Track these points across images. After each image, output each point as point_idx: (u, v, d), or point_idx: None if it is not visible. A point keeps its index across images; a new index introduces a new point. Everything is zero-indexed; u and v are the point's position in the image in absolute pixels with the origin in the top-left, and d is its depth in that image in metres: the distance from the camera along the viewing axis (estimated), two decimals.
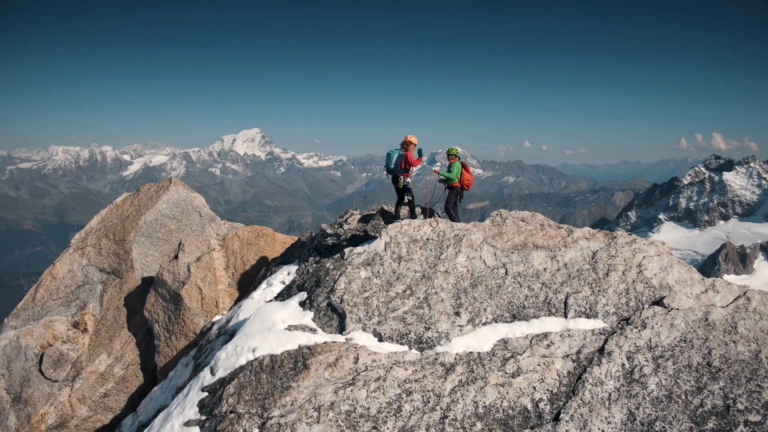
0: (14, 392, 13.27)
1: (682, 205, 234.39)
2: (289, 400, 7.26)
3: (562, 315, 8.22)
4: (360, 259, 9.61)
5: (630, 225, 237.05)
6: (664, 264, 8.71)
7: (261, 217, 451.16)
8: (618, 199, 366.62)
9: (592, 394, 7.05)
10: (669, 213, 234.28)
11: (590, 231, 9.57)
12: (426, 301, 8.65)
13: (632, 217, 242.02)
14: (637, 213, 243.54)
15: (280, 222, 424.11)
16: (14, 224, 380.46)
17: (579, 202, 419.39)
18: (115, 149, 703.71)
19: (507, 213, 10.55)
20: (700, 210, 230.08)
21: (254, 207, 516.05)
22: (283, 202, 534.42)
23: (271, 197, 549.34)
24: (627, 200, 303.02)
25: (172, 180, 16.04)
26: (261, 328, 8.61)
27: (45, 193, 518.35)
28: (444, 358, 7.66)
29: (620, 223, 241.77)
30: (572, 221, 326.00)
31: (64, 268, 14.63)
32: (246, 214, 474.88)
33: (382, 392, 7.20)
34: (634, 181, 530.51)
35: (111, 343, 14.05)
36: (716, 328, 7.63)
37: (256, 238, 14.12)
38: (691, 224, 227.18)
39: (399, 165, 11.26)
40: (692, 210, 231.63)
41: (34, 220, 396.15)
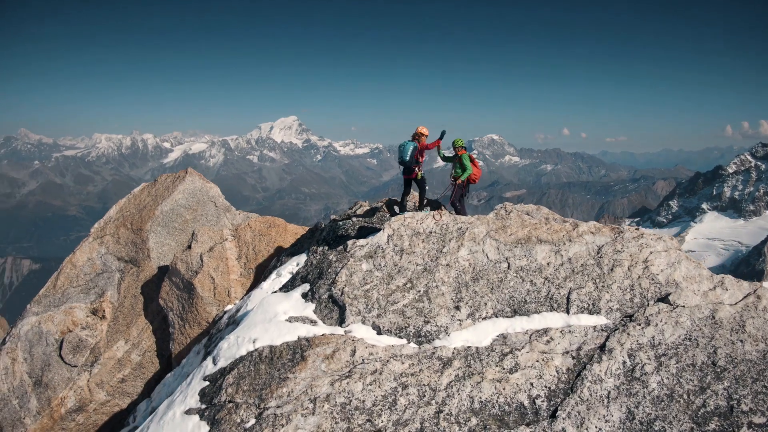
0: (36, 376, 13.75)
1: (727, 195, 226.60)
2: (285, 391, 7.33)
3: (564, 311, 8.07)
4: (362, 251, 9.61)
5: (671, 214, 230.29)
6: (672, 260, 8.46)
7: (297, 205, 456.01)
8: (659, 188, 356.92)
9: (590, 391, 6.93)
10: (712, 202, 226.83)
11: (596, 225, 9.35)
12: (426, 295, 8.60)
13: (674, 207, 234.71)
14: (679, 202, 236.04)
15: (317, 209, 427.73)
16: (60, 210, 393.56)
17: (618, 190, 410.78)
18: (156, 137, 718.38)
19: (512, 206, 10.38)
20: (745, 199, 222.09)
21: (291, 194, 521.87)
22: (320, 190, 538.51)
23: (308, 185, 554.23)
24: (669, 189, 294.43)
25: (188, 170, 16.28)
26: (263, 319, 8.70)
27: (89, 179, 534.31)
28: (441, 352, 7.62)
29: (661, 212, 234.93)
30: (611, 210, 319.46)
31: (84, 256, 15.04)
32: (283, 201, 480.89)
33: (377, 385, 7.21)
34: (677, 169, 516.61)
35: (128, 330, 14.41)
36: (723, 326, 7.40)
37: (268, 229, 14.26)
38: (735, 214, 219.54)
39: (413, 157, 11.17)
40: (737, 199, 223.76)
41: (79, 206, 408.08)
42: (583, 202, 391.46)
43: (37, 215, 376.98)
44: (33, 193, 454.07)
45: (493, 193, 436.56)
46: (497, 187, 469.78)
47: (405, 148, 11.17)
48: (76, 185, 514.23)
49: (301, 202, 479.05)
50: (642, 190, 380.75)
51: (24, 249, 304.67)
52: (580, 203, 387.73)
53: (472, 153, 10.90)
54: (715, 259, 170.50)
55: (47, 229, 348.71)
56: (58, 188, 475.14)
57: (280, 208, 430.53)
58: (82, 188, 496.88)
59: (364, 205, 12.61)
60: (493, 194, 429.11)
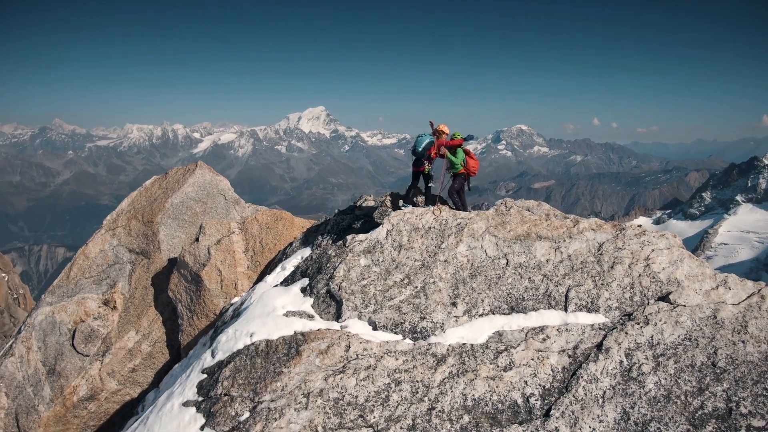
0: (49, 365, 14.09)
1: (762, 186, 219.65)
2: (279, 385, 7.38)
3: (562, 308, 7.95)
4: (361, 246, 9.58)
5: (704, 206, 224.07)
6: (674, 258, 8.26)
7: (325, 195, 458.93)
8: (692, 180, 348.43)
9: (585, 391, 6.84)
10: (747, 194, 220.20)
11: (597, 222, 9.17)
12: (423, 291, 8.55)
13: (707, 198, 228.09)
14: (712, 194, 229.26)
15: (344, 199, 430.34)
16: (93, 199, 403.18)
17: (650, 182, 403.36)
18: (186, 127, 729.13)
19: (512, 202, 10.23)
20: None
21: (318, 184, 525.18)
22: (347, 180, 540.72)
23: (335, 175, 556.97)
24: (702, 180, 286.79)
25: (198, 163, 16.44)
26: (261, 313, 8.77)
27: (121, 169, 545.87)
28: (436, 348, 7.58)
29: (693, 204, 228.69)
30: (642, 202, 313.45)
31: (96, 248, 15.32)
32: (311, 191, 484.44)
33: (371, 381, 7.21)
34: (710, 160, 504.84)
35: (139, 321, 14.66)
36: (725, 326, 7.22)
37: (275, 222, 14.33)
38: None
39: (426, 151, 11.07)
40: None
41: (111, 195, 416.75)
42: (613, 193, 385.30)
43: (71, 204, 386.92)
44: (67, 183, 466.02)
45: (521, 183, 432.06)
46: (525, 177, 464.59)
47: (421, 139, 11.08)
48: (109, 175, 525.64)
49: (329, 192, 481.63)
50: (674, 181, 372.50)
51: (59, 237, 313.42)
52: (610, 194, 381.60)
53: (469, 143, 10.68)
54: (749, 252, 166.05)
55: (81, 217, 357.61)
56: (91, 178, 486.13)
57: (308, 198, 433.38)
58: (114, 178, 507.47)
59: (369, 199, 12.58)
60: (521, 185, 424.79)
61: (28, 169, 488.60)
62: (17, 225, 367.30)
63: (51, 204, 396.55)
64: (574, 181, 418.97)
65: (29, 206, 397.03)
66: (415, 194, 11.45)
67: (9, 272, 33.27)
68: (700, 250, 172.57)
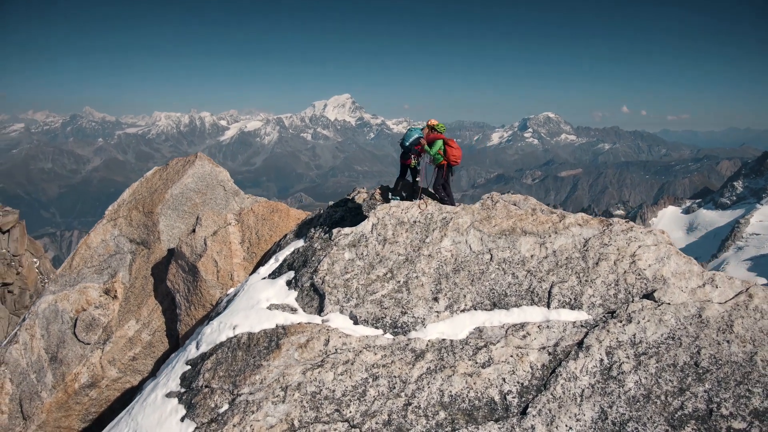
0: (52, 352, 14.36)
1: None
2: (258, 378, 7.41)
3: (545, 305, 7.83)
4: (346, 240, 9.53)
5: (735, 195, 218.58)
6: (661, 254, 8.06)
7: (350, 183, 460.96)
8: (723, 168, 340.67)
9: (564, 389, 6.74)
10: None
11: (584, 217, 8.99)
12: (406, 285, 8.48)
13: (738, 188, 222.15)
14: (744, 183, 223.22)
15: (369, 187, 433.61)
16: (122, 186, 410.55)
17: (680, 170, 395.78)
18: (213, 115, 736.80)
19: (498, 196, 10.07)
20: None
21: (344, 172, 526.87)
22: (372, 168, 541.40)
23: (361, 163, 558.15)
24: (733, 169, 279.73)
25: (198, 155, 16.51)
26: (246, 305, 8.80)
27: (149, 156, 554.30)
28: (415, 344, 7.53)
29: (724, 193, 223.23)
30: (671, 191, 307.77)
31: (98, 237, 15.52)
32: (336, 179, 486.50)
33: (348, 375, 7.20)
34: (743, 149, 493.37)
35: (139, 310, 14.84)
36: (710, 325, 7.04)
37: (271, 214, 14.36)
38: None
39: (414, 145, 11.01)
40: None
41: None
42: (641, 182, 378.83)
43: (101, 191, 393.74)
44: (97, 170, 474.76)
45: (547, 172, 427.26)
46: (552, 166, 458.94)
47: (410, 133, 11.03)
48: (138, 162, 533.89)
49: (354, 180, 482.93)
50: (705, 170, 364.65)
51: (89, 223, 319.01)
52: (639, 183, 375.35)
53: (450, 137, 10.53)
54: None
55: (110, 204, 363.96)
56: (121, 165, 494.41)
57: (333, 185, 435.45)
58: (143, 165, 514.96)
59: (363, 191, 12.52)
60: (547, 173, 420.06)
61: (59, 156, 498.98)
62: (49, 211, 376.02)
63: (82, 190, 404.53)
64: (601, 170, 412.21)
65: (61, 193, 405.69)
66: (403, 187, 11.38)
67: (40, 257, 34.06)
68: (730, 240, 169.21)
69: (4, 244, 32.14)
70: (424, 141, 10.38)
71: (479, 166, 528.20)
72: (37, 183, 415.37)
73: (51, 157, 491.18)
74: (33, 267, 31.79)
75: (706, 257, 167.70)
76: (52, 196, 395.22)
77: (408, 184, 11.37)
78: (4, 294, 29.53)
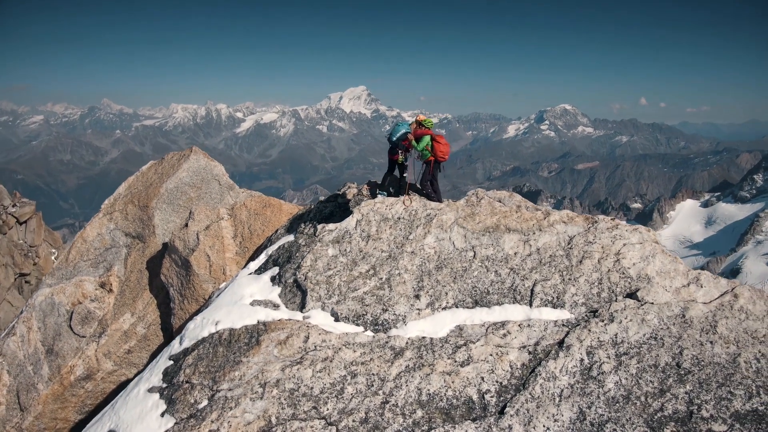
0: (48, 345, 14.46)
1: None
2: (238, 374, 7.39)
3: (527, 303, 7.73)
4: (330, 236, 9.47)
5: (755, 189, 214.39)
6: (646, 253, 7.92)
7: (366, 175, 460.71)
8: (743, 161, 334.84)
9: (543, 389, 6.66)
10: None
11: (569, 214, 8.85)
12: (388, 282, 8.41)
13: (758, 181, 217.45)
14: (765, 176, 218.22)
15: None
16: None
17: (699, 163, 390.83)
18: (229, 107, 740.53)
19: (483, 193, 9.94)
20: None
21: (359, 164, 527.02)
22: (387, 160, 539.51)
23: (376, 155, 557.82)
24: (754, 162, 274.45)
25: (193, 149, 16.49)
26: (229, 301, 8.77)
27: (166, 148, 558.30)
28: (395, 341, 7.47)
29: (744, 186, 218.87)
30: (690, 184, 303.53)
31: (94, 231, 15.57)
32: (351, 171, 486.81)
33: (327, 373, 7.16)
34: (764, 141, 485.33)
35: (134, 304, 14.90)
36: (693, 326, 6.92)
37: (263, 208, 14.32)
38: None
39: (401, 140, 10.92)
40: None
41: None
42: (659, 175, 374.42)
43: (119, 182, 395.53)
44: (115, 161, 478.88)
45: (564, 164, 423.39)
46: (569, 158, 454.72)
47: (397, 128, 10.93)
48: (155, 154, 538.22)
49: (369, 172, 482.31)
50: (724, 162, 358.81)
51: None
52: (657, 176, 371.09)
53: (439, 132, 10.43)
54: None
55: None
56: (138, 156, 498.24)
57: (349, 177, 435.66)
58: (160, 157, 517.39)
59: (353, 186, 12.44)
60: (564, 166, 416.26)
61: (78, 147, 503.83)
62: (68, 202, 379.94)
63: (100, 182, 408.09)
64: (619, 162, 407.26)
65: (79, 184, 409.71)
66: (391, 183, 11.28)
67: (58, 248, 34.42)
68: (749, 234, 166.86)
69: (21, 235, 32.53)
70: (412, 136, 10.27)
71: (495, 158, 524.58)
72: (56, 174, 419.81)
73: (70, 148, 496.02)
74: (50, 258, 32.16)
75: (725, 251, 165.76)
76: (71, 188, 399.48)
77: (396, 180, 11.27)
78: (21, 284, 29.93)
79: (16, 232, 32.76)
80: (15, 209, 31.66)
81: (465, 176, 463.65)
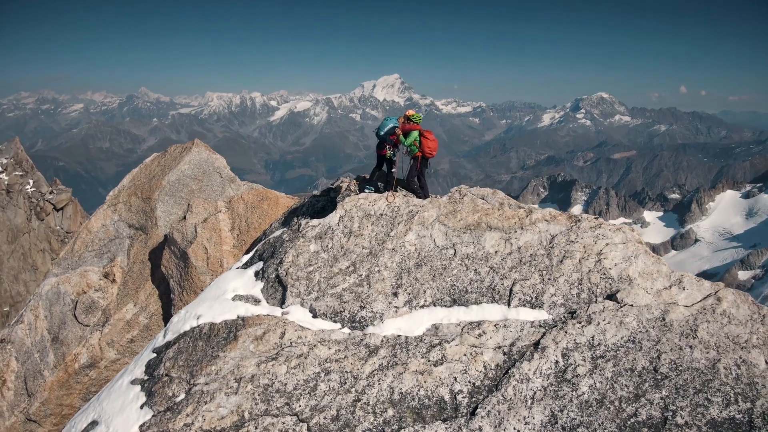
0: (53, 333, 14.83)
1: None
2: (214, 369, 7.45)
3: (505, 303, 7.60)
4: (314, 232, 9.44)
5: None
6: (629, 253, 7.70)
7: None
8: None
9: (515, 390, 6.55)
10: None
11: (551, 213, 8.64)
12: (367, 279, 8.35)
13: None
14: None
15: None
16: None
17: (740, 153, 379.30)
18: (263, 95, 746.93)
19: (467, 189, 9.76)
20: None
21: None
22: None
23: None
24: None
25: (195, 141, 16.64)
26: (213, 295, 8.83)
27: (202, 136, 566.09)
28: (370, 339, 7.43)
29: None
30: (731, 174, 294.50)
31: (98, 222, 15.86)
32: None
33: (301, 369, 7.17)
34: None
35: (137, 294, 15.16)
36: (673, 329, 6.71)
37: (260, 202, 14.39)
38: None
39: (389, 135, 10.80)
40: None
41: None
42: (699, 165, 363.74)
43: None
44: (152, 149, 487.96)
45: (600, 154, 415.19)
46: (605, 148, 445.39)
47: (385, 122, 10.83)
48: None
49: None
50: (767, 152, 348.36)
51: None
52: (696, 166, 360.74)
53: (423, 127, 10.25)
54: None
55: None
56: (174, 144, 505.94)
57: None
58: None
59: (346, 181, 12.36)
60: (600, 155, 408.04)
61: (116, 135, 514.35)
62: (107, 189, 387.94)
63: None
64: (656, 152, 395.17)
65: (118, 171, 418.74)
66: (379, 178, 11.19)
67: None
68: None
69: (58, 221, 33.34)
70: (399, 131, 10.15)
71: (529, 147, 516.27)
72: (96, 162, 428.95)
73: (108, 136, 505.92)
74: None
75: (766, 243, 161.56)
76: (110, 175, 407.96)
77: (384, 175, 11.17)
78: None
79: (53, 218, 33.60)
80: (52, 196, 32.43)
81: (499, 165, 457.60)
